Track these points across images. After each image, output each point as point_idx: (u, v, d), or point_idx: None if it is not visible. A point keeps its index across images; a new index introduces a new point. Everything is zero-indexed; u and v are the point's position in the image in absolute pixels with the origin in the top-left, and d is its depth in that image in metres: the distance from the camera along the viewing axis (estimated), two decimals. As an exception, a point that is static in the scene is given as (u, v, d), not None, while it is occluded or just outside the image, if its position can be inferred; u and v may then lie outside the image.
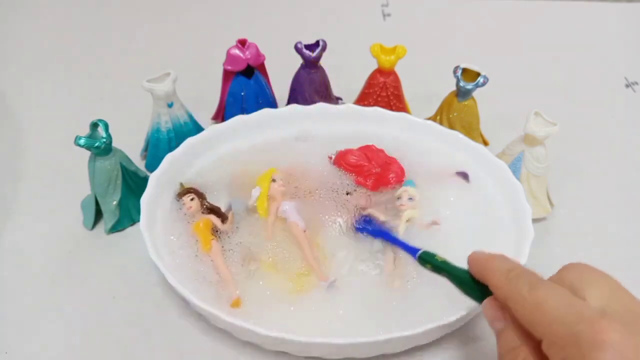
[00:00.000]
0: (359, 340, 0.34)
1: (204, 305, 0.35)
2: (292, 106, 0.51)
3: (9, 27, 0.74)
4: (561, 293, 0.26)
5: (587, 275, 0.28)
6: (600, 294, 0.26)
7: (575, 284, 0.27)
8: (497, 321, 0.29)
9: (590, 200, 0.50)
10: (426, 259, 0.35)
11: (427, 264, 0.35)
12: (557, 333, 0.25)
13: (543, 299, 0.26)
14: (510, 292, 0.28)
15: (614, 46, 0.73)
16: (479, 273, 0.31)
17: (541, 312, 0.26)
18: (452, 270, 0.33)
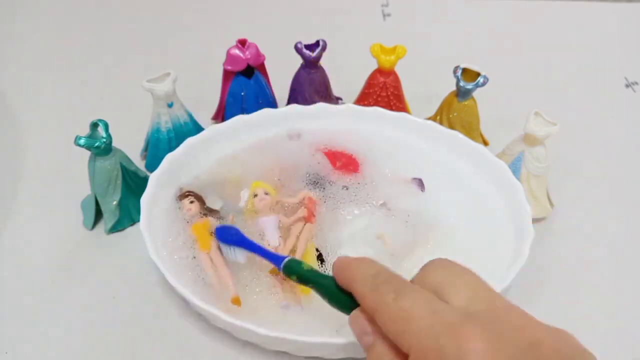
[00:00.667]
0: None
1: (204, 305, 0.35)
2: (292, 106, 0.51)
3: (9, 27, 0.74)
4: (426, 300, 0.25)
5: (448, 273, 0.27)
6: (463, 294, 0.25)
7: (438, 284, 0.26)
8: (366, 335, 0.27)
9: (590, 200, 0.50)
10: (293, 268, 0.33)
11: (292, 275, 0.33)
12: (423, 346, 0.24)
13: (408, 307, 0.25)
14: (376, 301, 0.26)
15: (614, 46, 0.73)
16: (344, 281, 0.29)
17: (407, 323, 0.24)
18: (319, 279, 0.31)
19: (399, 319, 0.25)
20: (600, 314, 0.41)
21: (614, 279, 0.44)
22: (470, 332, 0.23)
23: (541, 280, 0.43)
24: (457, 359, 0.22)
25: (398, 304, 0.25)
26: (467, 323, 0.23)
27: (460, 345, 0.22)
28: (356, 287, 0.28)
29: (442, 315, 0.24)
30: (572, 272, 0.44)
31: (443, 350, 0.23)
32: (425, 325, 0.24)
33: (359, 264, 0.29)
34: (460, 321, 0.24)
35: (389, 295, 0.26)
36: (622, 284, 0.44)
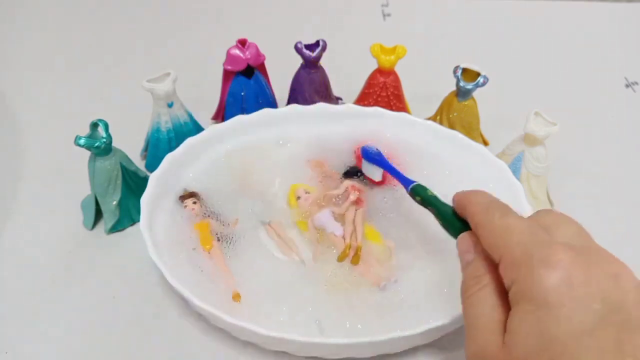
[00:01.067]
0: (358, 340, 0.34)
1: (204, 305, 0.35)
2: (292, 106, 0.51)
3: (9, 27, 0.74)
4: (529, 224, 0.27)
5: (557, 218, 0.29)
6: (565, 233, 0.27)
7: (546, 223, 0.28)
8: (468, 253, 0.30)
9: (590, 200, 0.50)
10: (418, 191, 0.37)
11: (417, 196, 0.37)
12: (514, 253, 0.26)
13: (511, 225, 0.27)
14: (483, 219, 0.29)
15: (614, 46, 0.73)
16: (461, 207, 0.32)
17: (506, 236, 0.27)
18: (439, 205, 0.35)
19: (499, 232, 0.27)
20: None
21: (614, 279, 0.44)
22: (559, 247, 0.25)
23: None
24: (542, 265, 0.24)
25: (503, 220, 0.28)
26: (560, 245, 0.25)
27: (548, 254, 0.24)
28: (470, 207, 0.31)
29: (538, 234, 0.26)
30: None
31: (532, 256, 0.25)
32: (521, 238, 0.26)
33: (477, 193, 0.32)
34: (555, 242, 0.25)
35: (497, 214, 0.28)
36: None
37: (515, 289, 0.25)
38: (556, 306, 0.23)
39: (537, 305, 0.24)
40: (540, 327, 0.23)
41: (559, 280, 0.23)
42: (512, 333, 0.24)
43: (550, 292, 0.23)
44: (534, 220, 0.29)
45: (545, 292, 0.23)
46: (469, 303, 0.28)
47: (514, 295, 0.25)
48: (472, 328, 0.27)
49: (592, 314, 0.23)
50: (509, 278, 0.25)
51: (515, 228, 0.27)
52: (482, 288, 0.27)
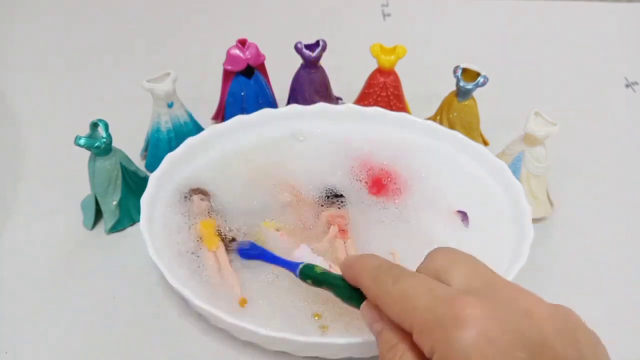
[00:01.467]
0: (358, 340, 0.34)
1: (204, 305, 0.35)
2: (292, 106, 0.51)
3: (9, 27, 0.74)
4: (424, 281, 0.26)
5: (449, 258, 0.28)
6: (462, 274, 0.26)
7: (440, 268, 0.27)
8: (375, 323, 0.28)
9: (590, 200, 0.50)
10: (307, 273, 0.35)
11: (308, 279, 0.34)
12: (422, 320, 0.25)
13: (406, 289, 0.26)
14: (378, 289, 0.28)
15: (614, 46, 0.73)
16: (351, 277, 0.30)
17: (406, 303, 0.26)
18: (331, 280, 0.33)
19: (398, 301, 0.26)
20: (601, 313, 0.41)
21: (614, 279, 0.44)
22: (465, 301, 0.24)
23: (541, 280, 0.43)
24: (454, 326, 0.23)
25: (397, 287, 0.27)
26: (463, 295, 0.24)
27: (456, 313, 0.23)
28: (361, 280, 0.29)
29: (438, 292, 0.25)
30: (572, 272, 0.44)
31: (441, 320, 0.24)
32: (423, 301, 0.25)
33: (363, 259, 0.30)
34: (456, 294, 0.25)
35: (389, 281, 0.27)
36: (623, 283, 0.44)
37: (437, 356, 0.24)
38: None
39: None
40: None
41: (476, 338, 0.23)
42: None
43: (471, 353, 0.22)
44: (427, 268, 0.28)
45: (466, 354, 0.22)
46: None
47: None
48: None
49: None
50: (428, 346, 0.24)
51: (413, 292, 0.26)
52: (401, 357, 0.26)
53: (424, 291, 0.25)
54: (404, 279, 0.27)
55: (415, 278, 0.27)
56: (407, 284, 0.26)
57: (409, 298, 0.26)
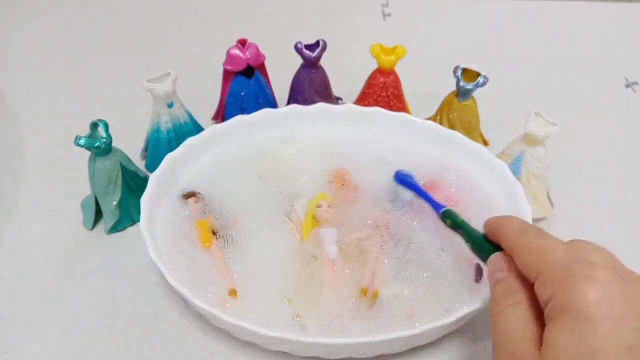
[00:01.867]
0: (358, 340, 0.34)
1: (204, 305, 0.35)
2: (292, 106, 0.51)
3: (9, 27, 0.74)
4: (566, 245, 0.28)
5: (591, 245, 0.29)
6: (599, 257, 0.27)
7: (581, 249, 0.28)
8: (500, 272, 0.30)
9: (590, 200, 0.50)
10: (448, 216, 0.39)
11: (447, 220, 0.38)
12: (553, 269, 0.26)
13: (549, 245, 0.28)
14: (520, 239, 0.29)
15: (614, 46, 0.73)
16: (494, 229, 0.32)
17: (544, 255, 0.27)
18: (469, 228, 0.36)
19: (536, 251, 0.28)
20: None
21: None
22: (600, 268, 0.25)
23: (541, 280, 0.43)
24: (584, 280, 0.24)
25: (540, 240, 0.29)
26: (600, 265, 0.26)
27: (588, 272, 0.25)
28: (504, 229, 0.31)
29: (579, 254, 0.27)
30: (572, 272, 0.44)
31: (572, 273, 0.25)
32: (560, 256, 0.27)
33: (511, 217, 0.33)
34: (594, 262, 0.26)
35: (533, 234, 0.29)
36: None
37: (553, 303, 0.25)
38: (598, 320, 0.23)
39: (577, 318, 0.24)
40: (581, 340, 0.23)
41: (601, 296, 0.24)
42: (549, 346, 0.24)
43: (591, 306, 0.23)
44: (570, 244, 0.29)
45: (586, 306, 0.24)
46: (500, 318, 0.28)
47: (552, 310, 0.25)
48: (503, 343, 0.27)
49: (634, 332, 0.23)
50: (546, 293, 0.26)
51: (555, 247, 0.27)
52: (514, 304, 0.27)
53: (565, 250, 0.27)
54: (549, 237, 0.29)
55: (560, 240, 0.29)
56: (551, 241, 0.28)
57: (548, 250, 0.27)
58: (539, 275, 0.26)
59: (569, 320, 0.24)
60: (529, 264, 0.28)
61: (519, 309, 0.27)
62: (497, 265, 0.30)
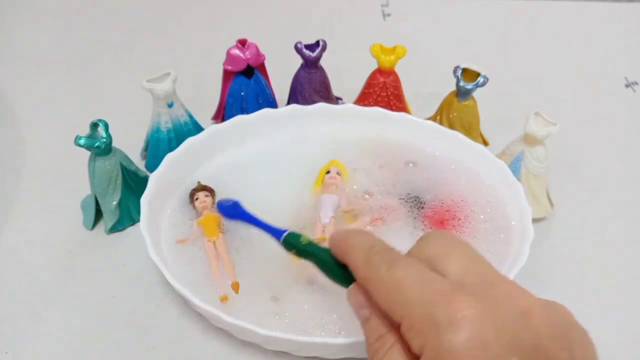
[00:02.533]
0: (358, 340, 0.34)
1: (204, 305, 0.35)
2: (292, 106, 0.51)
3: (9, 27, 0.74)
4: (419, 270, 0.25)
5: (444, 245, 0.27)
6: (458, 266, 0.25)
7: (434, 255, 0.26)
8: (362, 309, 0.27)
9: (590, 200, 0.50)
10: (292, 242, 0.33)
11: (292, 249, 0.33)
12: (414, 315, 0.23)
13: (400, 278, 0.25)
14: (369, 272, 0.26)
15: (614, 46, 0.73)
16: (340, 253, 0.29)
17: (398, 292, 0.24)
18: (318, 253, 0.31)
19: (391, 289, 0.25)
20: (601, 314, 0.41)
21: (614, 279, 0.44)
22: (461, 300, 0.23)
23: (541, 280, 0.43)
24: (448, 326, 0.22)
25: (390, 274, 0.25)
26: (458, 292, 0.23)
27: (450, 313, 0.22)
28: (350, 259, 0.28)
29: (433, 285, 0.24)
30: (572, 272, 0.44)
31: (434, 319, 0.23)
32: (416, 294, 0.24)
33: (355, 235, 0.29)
34: (451, 290, 0.24)
35: (382, 266, 0.26)
36: (622, 283, 0.44)
37: (427, 355, 0.23)
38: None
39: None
40: None
41: (470, 342, 0.22)
42: None
43: (465, 355, 0.21)
44: (421, 253, 0.27)
45: (460, 356, 0.21)
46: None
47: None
48: None
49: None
50: (417, 344, 0.23)
51: (406, 282, 0.24)
52: (389, 350, 0.25)
53: (418, 283, 0.24)
54: (398, 267, 0.25)
55: (410, 267, 0.25)
56: (402, 272, 0.25)
57: (402, 288, 0.24)
58: (402, 320, 0.24)
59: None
60: (387, 305, 0.25)
61: (396, 353, 0.25)
62: (357, 301, 0.27)
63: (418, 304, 0.24)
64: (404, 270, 0.25)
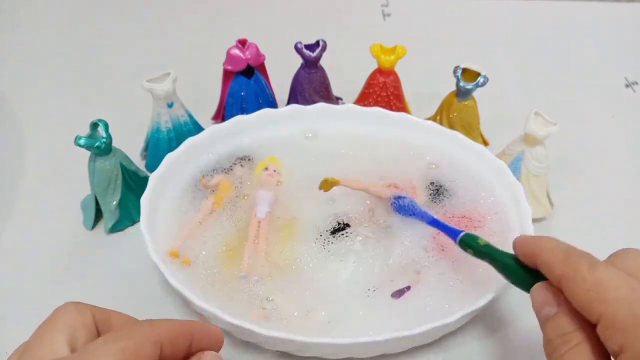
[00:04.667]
0: (359, 340, 0.34)
1: (204, 305, 0.35)
2: (292, 106, 0.51)
3: (9, 27, 0.74)
4: (623, 276, 0.25)
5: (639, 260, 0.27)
6: None
7: (634, 270, 0.26)
8: (549, 306, 0.27)
9: (590, 200, 0.50)
10: (468, 243, 0.34)
11: (468, 249, 0.34)
12: (618, 314, 0.23)
13: (604, 279, 0.25)
14: (568, 271, 0.26)
15: (614, 46, 0.73)
16: (529, 255, 0.29)
17: (601, 292, 0.24)
18: (497, 255, 0.32)
19: (593, 287, 0.25)
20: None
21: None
22: None
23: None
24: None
25: (593, 274, 0.25)
26: None
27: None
28: (544, 257, 0.28)
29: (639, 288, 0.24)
30: (572, 272, 0.44)
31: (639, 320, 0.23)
32: (622, 295, 0.24)
33: (547, 239, 0.29)
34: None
35: (584, 265, 0.26)
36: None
37: (627, 355, 0.23)
38: None
39: None
40: None
41: None
42: None
43: None
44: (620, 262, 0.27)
45: None
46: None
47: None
48: None
49: None
50: (615, 343, 0.23)
51: (611, 283, 0.25)
52: (575, 346, 0.25)
53: (624, 284, 0.24)
54: (602, 268, 0.26)
55: (613, 269, 0.25)
56: (606, 273, 0.25)
57: (606, 288, 0.24)
58: (601, 319, 0.24)
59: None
60: (585, 304, 0.25)
61: (582, 352, 0.25)
62: (544, 299, 0.27)
63: (623, 303, 0.24)
64: (606, 271, 0.25)
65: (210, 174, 0.46)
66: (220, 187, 0.45)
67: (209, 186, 0.45)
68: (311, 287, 0.39)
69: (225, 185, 0.45)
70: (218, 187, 0.45)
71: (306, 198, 0.45)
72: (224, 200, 0.44)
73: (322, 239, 0.42)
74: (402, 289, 0.38)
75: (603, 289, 0.25)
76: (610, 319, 0.24)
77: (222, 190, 0.45)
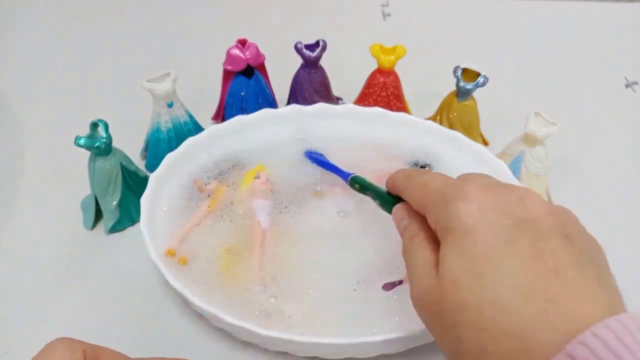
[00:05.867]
0: (358, 340, 0.34)
1: (204, 305, 0.35)
2: (292, 106, 0.51)
3: (9, 27, 0.74)
4: (442, 175, 0.32)
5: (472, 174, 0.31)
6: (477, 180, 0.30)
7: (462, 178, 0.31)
8: (403, 220, 0.32)
9: (590, 200, 0.50)
10: (356, 181, 0.41)
11: (356, 184, 0.41)
12: (433, 199, 0.29)
13: (427, 179, 0.31)
14: (406, 182, 0.33)
15: (614, 46, 0.73)
16: (391, 184, 0.36)
17: (425, 189, 0.30)
18: (375, 188, 0.39)
19: (419, 188, 0.31)
20: (600, 314, 0.41)
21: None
22: (470, 186, 0.28)
23: (541, 280, 0.43)
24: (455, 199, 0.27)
25: (421, 177, 0.32)
26: (470, 184, 0.28)
27: (459, 192, 0.28)
28: (397, 181, 0.35)
29: (452, 181, 0.30)
30: (572, 272, 0.44)
31: (446, 197, 0.28)
32: (436, 185, 0.30)
33: (401, 169, 0.36)
34: (463, 182, 0.29)
35: (416, 175, 0.33)
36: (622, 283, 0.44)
37: (439, 227, 0.28)
38: (472, 228, 0.26)
39: (457, 233, 0.26)
40: (462, 250, 0.26)
41: (471, 208, 0.26)
42: (442, 263, 0.27)
43: (465, 218, 0.26)
44: None
45: (460, 220, 0.26)
46: (408, 258, 0.30)
47: (440, 233, 0.28)
48: (412, 277, 0.29)
49: (506, 228, 0.25)
50: (432, 221, 0.29)
51: (432, 180, 0.31)
52: (418, 243, 0.30)
53: (440, 180, 0.31)
54: (428, 174, 0.32)
55: (438, 174, 0.32)
56: (429, 176, 0.32)
57: (427, 184, 0.31)
58: (426, 208, 0.30)
59: (452, 237, 0.27)
60: (417, 201, 0.31)
61: (421, 244, 0.29)
62: (400, 214, 0.33)
63: (436, 189, 0.29)
64: (430, 174, 0.32)
65: (207, 177, 0.46)
66: (215, 191, 0.45)
67: (204, 190, 0.45)
68: (312, 287, 0.39)
69: (221, 190, 0.45)
70: (214, 192, 0.45)
71: (305, 199, 0.45)
72: (220, 203, 0.44)
73: (326, 240, 0.42)
74: (394, 281, 0.39)
75: (426, 185, 0.31)
76: (430, 205, 0.29)
77: (218, 194, 0.45)
